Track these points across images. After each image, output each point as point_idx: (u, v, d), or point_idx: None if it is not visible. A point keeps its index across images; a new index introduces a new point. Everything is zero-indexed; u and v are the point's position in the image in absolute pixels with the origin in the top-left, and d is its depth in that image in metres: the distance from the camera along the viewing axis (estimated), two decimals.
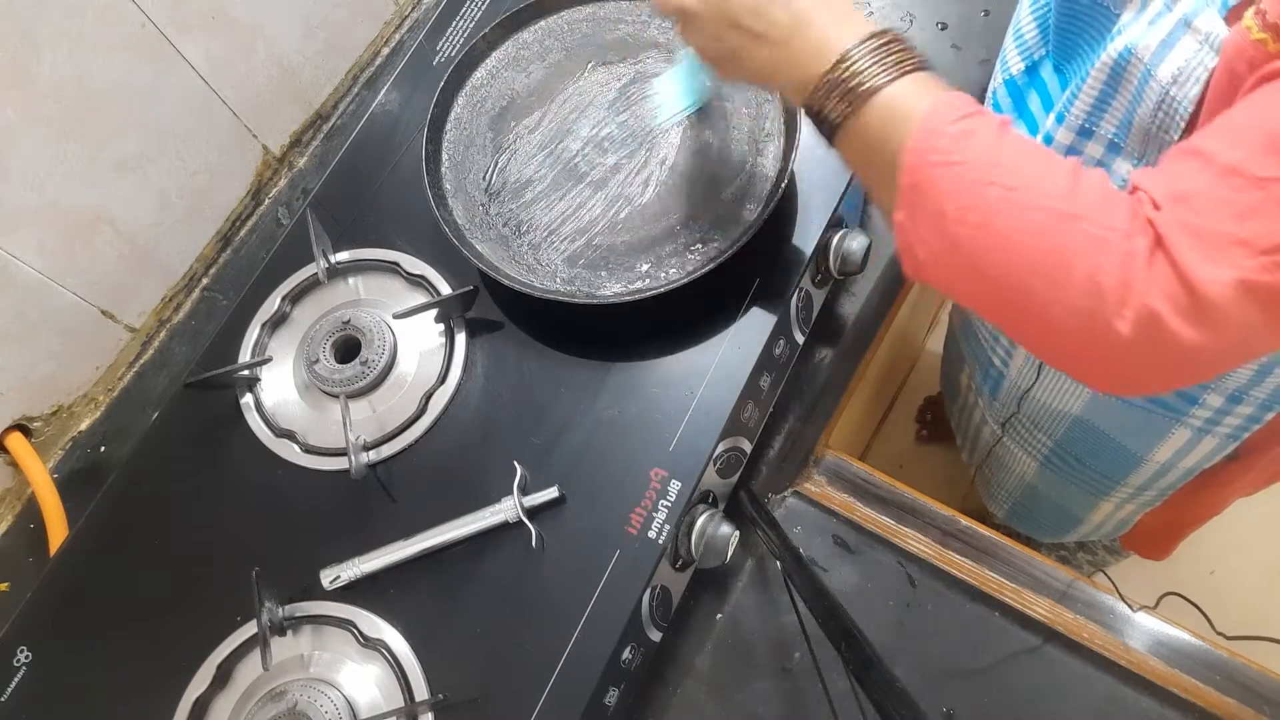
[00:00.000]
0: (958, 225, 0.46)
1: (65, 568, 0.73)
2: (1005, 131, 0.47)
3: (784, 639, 0.73)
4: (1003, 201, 0.44)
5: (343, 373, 0.74)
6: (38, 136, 0.73)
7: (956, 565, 0.76)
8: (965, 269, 0.47)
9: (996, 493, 1.14)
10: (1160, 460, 0.83)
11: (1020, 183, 0.45)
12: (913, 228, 0.48)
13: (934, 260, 0.48)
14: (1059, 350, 0.46)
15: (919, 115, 0.48)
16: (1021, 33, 0.72)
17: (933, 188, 0.46)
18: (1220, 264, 0.40)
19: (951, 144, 0.46)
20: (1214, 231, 0.41)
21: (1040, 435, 0.93)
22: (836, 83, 0.51)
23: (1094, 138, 0.61)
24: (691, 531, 0.68)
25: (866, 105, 0.50)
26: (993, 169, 0.45)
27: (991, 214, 0.45)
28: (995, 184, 0.45)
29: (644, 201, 0.74)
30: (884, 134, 0.50)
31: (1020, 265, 0.44)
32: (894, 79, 0.50)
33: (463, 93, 0.81)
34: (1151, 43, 0.53)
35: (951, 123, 0.47)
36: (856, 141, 0.52)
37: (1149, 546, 1.06)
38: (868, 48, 0.51)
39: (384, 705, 0.65)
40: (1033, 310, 0.45)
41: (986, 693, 0.71)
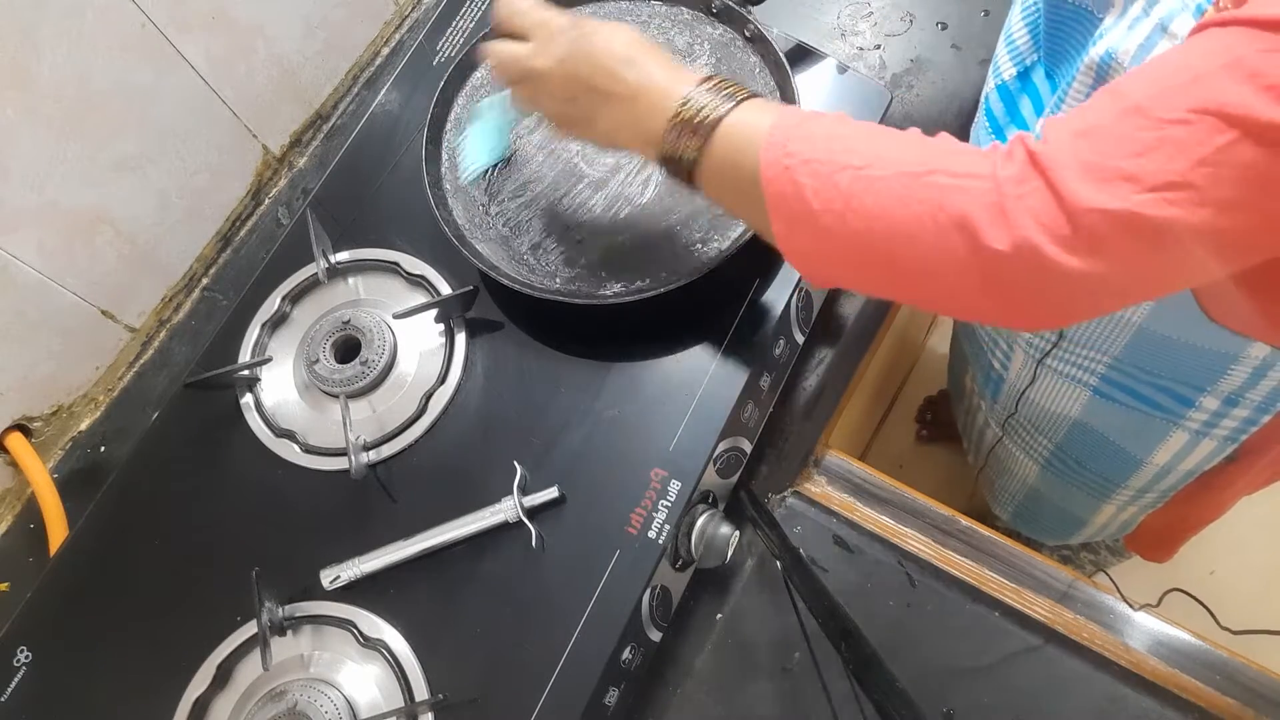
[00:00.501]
0: (827, 218, 0.47)
1: (65, 568, 0.73)
2: (844, 121, 0.50)
3: (784, 639, 0.73)
4: (857, 181, 0.46)
5: (343, 373, 0.74)
6: (38, 136, 0.73)
7: (956, 565, 0.76)
8: (848, 256, 0.49)
9: (1000, 495, 1.14)
10: (1160, 463, 0.83)
11: (868, 160, 0.47)
12: (789, 234, 0.50)
13: (819, 259, 0.50)
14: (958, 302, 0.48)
15: (764, 131, 0.51)
16: (1013, 38, 0.73)
17: (793, 190, 0.48)
18: (1105, 194, 0.41)
19: (799, 145, 0.49)
20: (1105, 166, 0.41)
21: (1040, 438, 0.93)
22: (683, 123, 0.54)
23: None
24: (691, 531, 0.68)
25: (714, 135, 0.53)
26: (842, 154, 0.47)
27: (851, 194, 0.46)
28: (847, 167, 0.47)
29: (644, 201, 0.74)
30: (737, 158, 0.52)
31: (893, 234, 0.46)
32: (733, 106, 0.53)
33: (463, 93, 0.81)
34: (1130, 46, 0.54)
35: (794, 127, 0.50)
36: (715, 173, 0.54)
37: (1152, 548, 1.06)
38: (704, 88, 0.54)
39: (384, 705, 0.65)
40: (919, 275, 0.47)
41: (986, 693, 0.71)
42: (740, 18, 0.78)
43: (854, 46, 0.94)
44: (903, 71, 0.92)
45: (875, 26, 0.95)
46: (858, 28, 0.95)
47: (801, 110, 0.53)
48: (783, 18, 0.94)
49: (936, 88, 0.91)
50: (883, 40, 0.94)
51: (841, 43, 0.94)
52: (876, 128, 0.50)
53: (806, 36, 0.83)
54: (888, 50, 0.93)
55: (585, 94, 0.58)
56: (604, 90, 0.57)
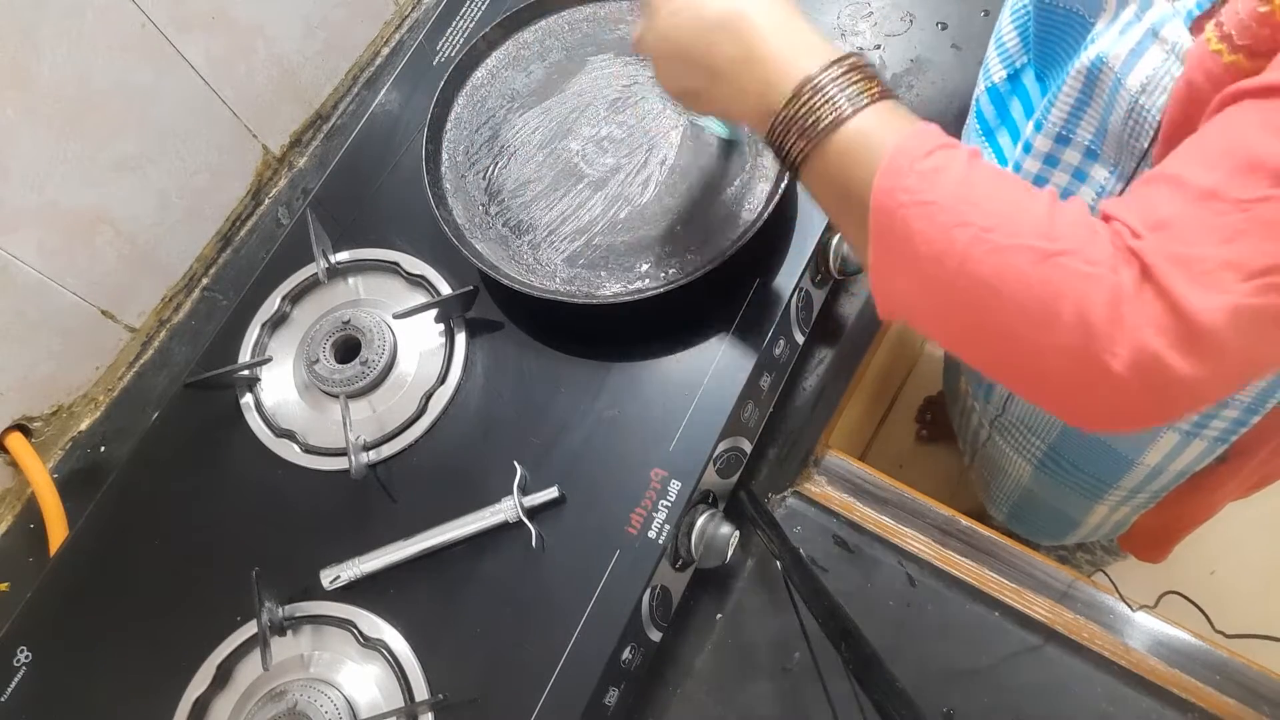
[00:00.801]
0: (933, 267, 0.43)
1: (65, 568, 0.73)
2: (976, 165, 0.45)
3: (784, 639, 0.73)
4: (978, 242, 0.42)
5: (343, 373, 0.74)
6: (38, 136, 0.73)
7: (956, 565, 0.76)
8: (943, 313, 0.45)
9: (995, 496, 1.14)
10: (1151, 463, 0.83)
11: (995, 221, 0.42)
12: (885, 268, 0.46)
13: (910, 304, 0.46)
14: (1052, 394, 0.44)
15: (885, 151, 0.45)
16: (1003, 41, 0.72)
17: (904, 229, 0.44)
18: (1211, 290, 0.38)
19: (920, 182, 0.43)
20: (1201, 257, 0.39)
21: (1033, 438, 0.93)
22: (793, 119, 0.48)
23: (1071, 144, 0.62)
24: (691, 531, 0.68)
25: (828, 141, 0.47)
26: (966, 207, 0.43)
27: (967, 256, 0.42)
28: (969, 224, 0.42)
29: (644, 201, 0.74)
30: (848, 172, 0.47)
31: (1002, 308, 0.42)
32: (856, 111, 0.47)
33: (463, 93, 0.81)
34: (1121, 51, 0.53)
35: (920, 159, 0.44)
36: (821, 179, 0.49)
37: (1146, 548, 1.06)
38: (827, 77, 0.47)
39: (384, 705, 0.65)
40: (1020, 354, 0.43)
41: (986, 693, 0.71)
42: None
43: (854, 46, 0.94)
44: (903, 71, 0.92)
45: (875, 26, 0.95)
46: (858, 28, 0.95)
47: (929, 133, 0.46)
48: None
49: (936, 88, 0.91)
50: (883, 40, 0.94)
51: (841, 43, 0.94)
52: (1009, 178, 0.45)
53: None
54: (888, 50, 0.93)
55: (686, 70, 0.54)
56: (702, 65, 0.52)
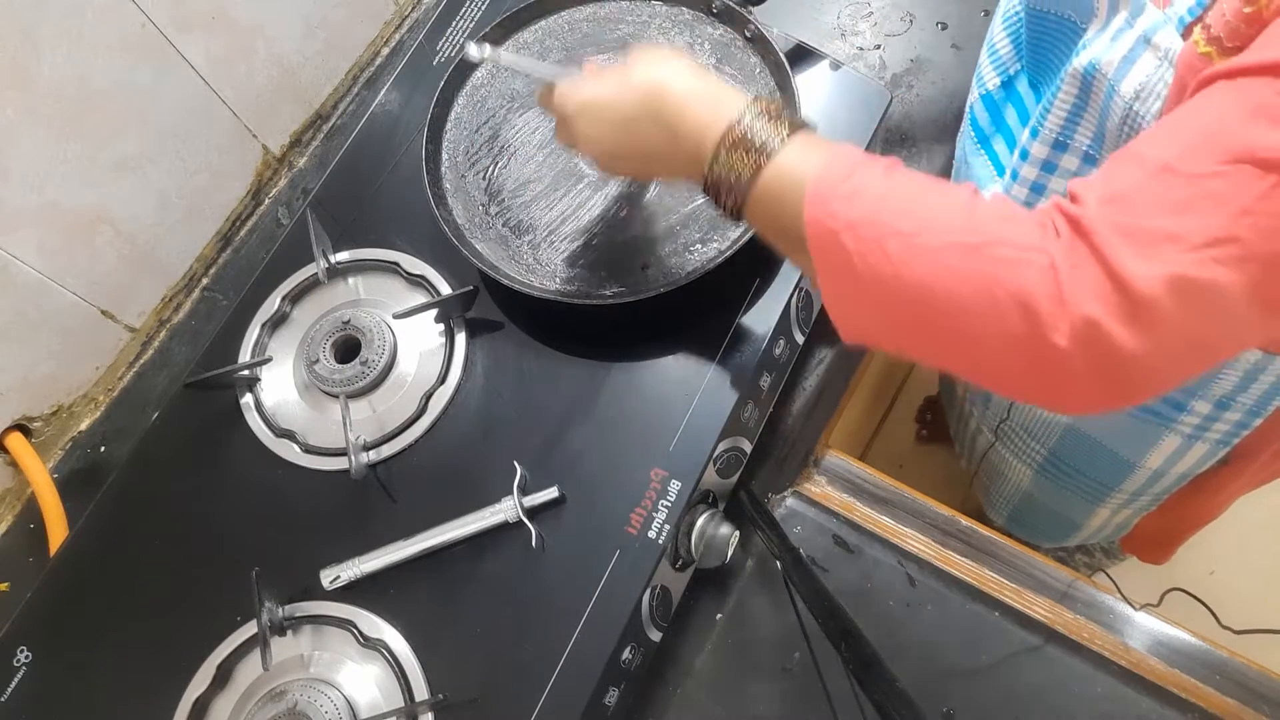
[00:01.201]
0: (874, 284, 0.44)
1: (65, 568, 0.73)
2: (893, 176, 0.46)
3: (784, 639, 0.73)
4: (907, 250, 0.43)
5: (343, 373, 0.74)
6: (38, 136, 0.73)
7: (956, 565, 0.76)
8: (894, 326, 0.46)
9: (995, 500, 1.14)
10: (1153, 466, 0.83)
11: (917, 226, 0.44)
12: (835, 295, 0.47)
13: (864, 324, 0.48)
14: (1010, 381, 0.45)
15: (807, 184, 0.47)
16: (995, 47, 0.73)
17: (839, 253, 0.45)
18: (1152, 259, 0.39)
19: (844, 205, 0.45)
20: (1146, 228, 0.40)
21: (1034, 443, 0.93)
22: (719, 179, 0.51)
23: (1069, 150, 0.62)
24: (691, 531, 0.68)
25: (754, 189, 0.50)
26: (890, 218, 0.44)
27: (900, 264, 0.43)
28: (895, 233, 0.44)
29: (644, 201, 0.74)
30: (780, 211, 0.49)
31: (945, 308, 0.43)
32: (771, 155, 0.49)
33: (463, 93, 0.81)
34: (1114, 58, 0.54)
35: (840, 183, 0.46)
36: (761, 224, 0.52)
37: (1148, 550, 1.06)
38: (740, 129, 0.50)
39: (384, 705, 0.65)
40: (971, 350, 0.44)
41: (986, 693, 0.71)
42: (740, 18, 0.78)
43: (854, 46, 0.94)
44: (903, 71, 0.92)
45: (875, 26, 0.95)
46: (858, 28, 0.95)
47: (847, 156, 0.48)
48: (783, 18, 0.94)
49: (936, 88, 0.91)
50: (883, 40, 0.94)
51: (841, 43, 0.94)
52: (930, 183, 0.47)
53: (806, 37, 0.83)
54: (888, 50, 0.93)
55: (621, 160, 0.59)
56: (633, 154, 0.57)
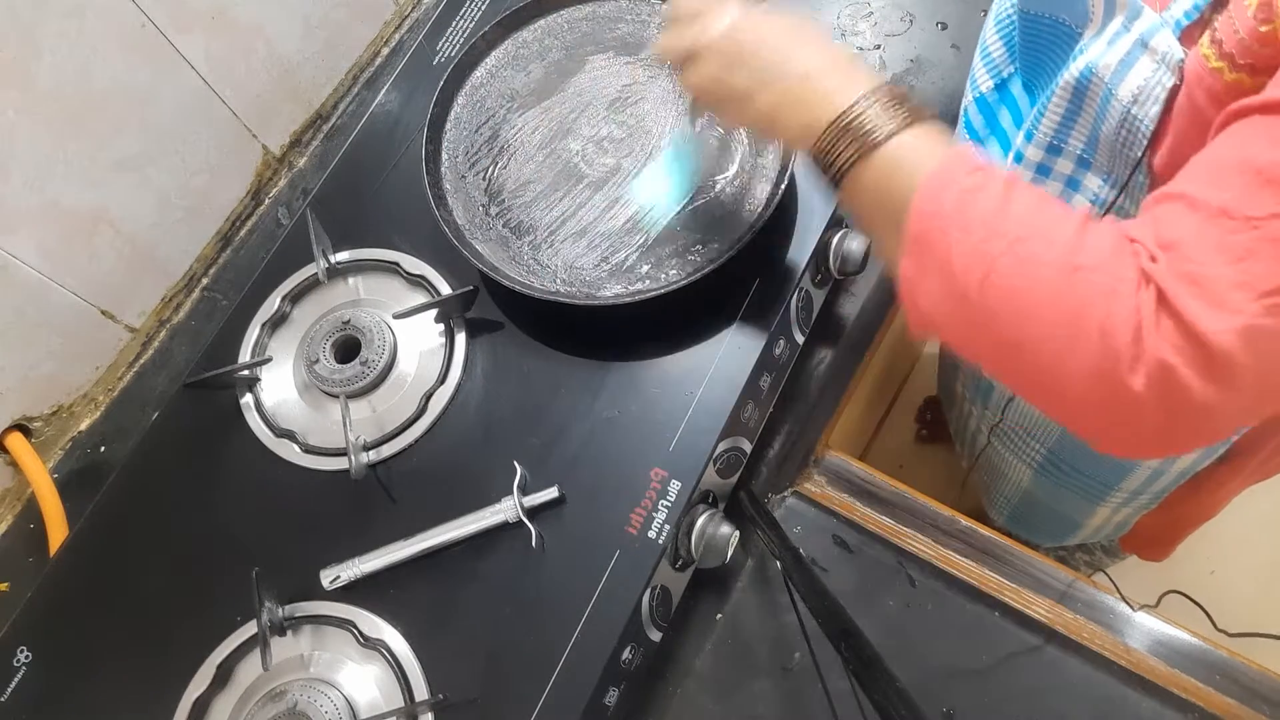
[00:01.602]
0: (965, 278, 0.45)
1: (65, 568, 0.73)
2: (1013, 186, 0.46)
3: (784, 639, 0.73)
4: (1009, 255, 0.43)
5: (343, 373, 0.74)
6: (38, 136, 0.73)
7: (956, 565, 0.76)
8: (972, 324, 0.46)
9: (996, 499, 1.14)
10: (1152, 465, 0.83)
11: (1027, 234, 0.44)
12: (918, 279, 0.47)
13: (940, 314, 0.47)
14: (1073, 410, 0.45)
15: (928, 166, 0.47)
16: (989, 51, 0.72)
17: (940, 241, 0.46)
18: (1224, 310, 0.39)
19: (961, 197, 0.46)
20: (1211, 277, 0.39)
21: (1033, 442, 0.93)
22: (845, 128, 0.50)
23: (1063, 154, 0.62)
24: (691, 531, 0.68)
25: (875, 153, 0.50)
26: (1001, 222, 0.44)
27: (998, 269, 0.44)
28: (1002, 237, 0.44)
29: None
30: (891, 183, 0.49)
31: (1029, 321, 0.43)
32: (903, 128, 0.49)
33: (463, 92, 0.81)
34: (1111, 62, 0.53)
35: (962, 176, 0.46)
36: (863, 189, 0.51)
37: (1148, 548, 1.06)
38: (877, 96, 0.50)
39: (384, 705, 0.65)
40: (1043, 368, 0.44)
41: (986, 693, 0.71)
42: None
43: (854, 46, 0.94)
44: (903, 71, 0.92)
45: (875, 26, 0.95)
46: (858, 28, 0.95)
47: (971, 154, 0.48)
48: None
49: (936, 88, 0.91)
50: (883, 40, 0.94)
51: (841, 43, 0.94)
52: (1048, 199, 0.46)
53: None
54: (888, 50, 0.93)
55: (747, 70, 0.55)
56: (767, 69, 0.54)
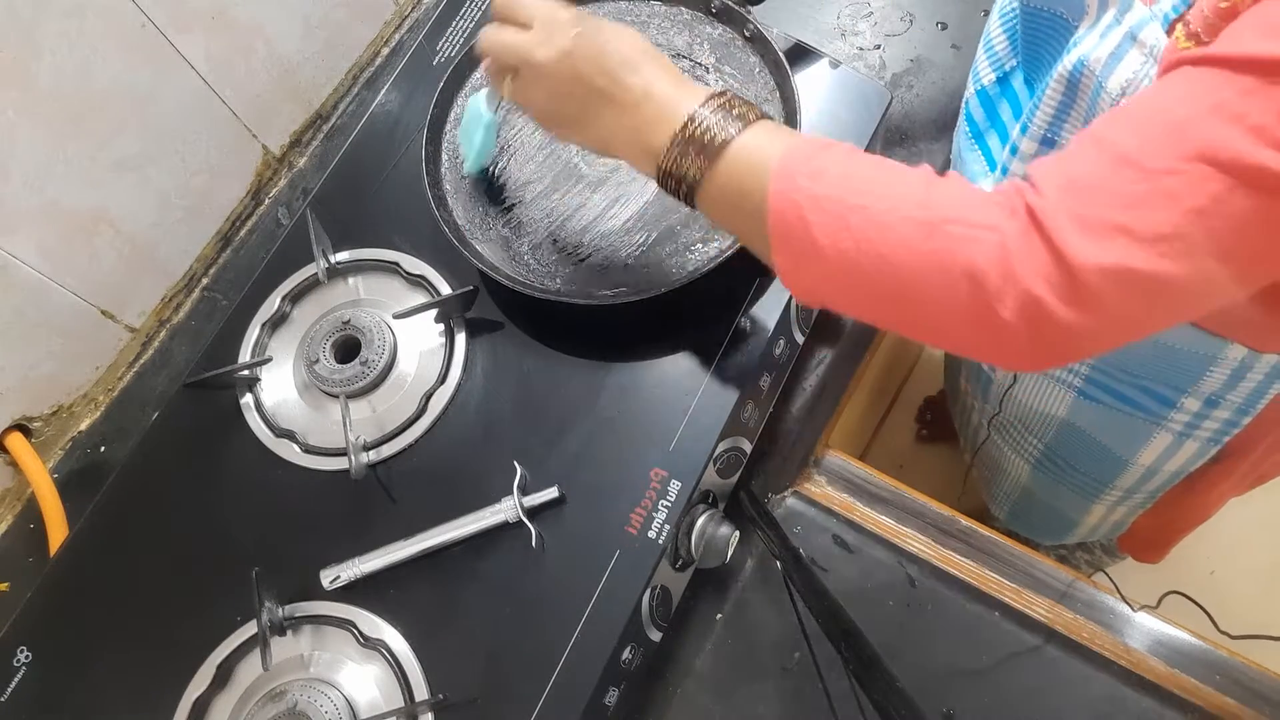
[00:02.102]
0: (832, 254, 0.47)
1: (65, 568, 0.73)
2: (854, 157, 0.49)
3: (784, 639, 0.73)
4: (868, 224, 0.46)
5: (343, 373, 0.74)
6: (38, 136, 0.73)
7: (956, 565, 0.76)
8: (850, 292, 0.49)
9: (996, 494, 1.15)
10: (1145, 464, 0.84)
11: (880, 201, 0.46)
12: (792, 267, 0.50)
13: (821, 291, 0.50)
14: (955, 342, 0.48)
15: (774, 160, 0.49)
16: (992, 44, 0.73)
17: (800, 225, 0.48)
18: (1101, 248, 0.41)
19: (810, 181, 0.48)
20: (1100, 219, 0.41)
21: (1030, 438, 0.93)
22: (689, 140, 0.52)
23: (1056, 146, 0.62)
24: (691, 531, 0.68)
25: (721, 158, 0.52)
26: (852, 195, 0.47)
27: (861, 238, 0.46)
28: (858, 208, 0.46)
29: (643, 201, 0.74)
30: (743, 184, 0.51)
31: (900, 277, 0.46)
32: (743, 129, 0.52)
33: (463, 93, 0.81)
34: (1102, 55, 0.54)
35: (807, 160, 0.49)
36: (718, 196, 0.53)
37: (1143, 549, 1.06)
38: (712, 105, 0.53)
39: (384, 705, 0.65)
40: (921, 314, 0.47)
41: (986, 693, 0.71)
42: (740, 18, 0.78)
43: (854, 46, 0.94)
44: (903, 71, 0.93)
45: (875, 26, 0.95)
46: (858, 28, 0.95)
47: (812, 139, 0.51)
48: (782, 18, 0.94)
49: (936, 88, 0.91)
50: (883, 40, 0.94)
51: (841, 43, 0.94)
52: (888, 164, 0.49)
53: (806, 36, 0.83)
54: (888, 50, 0.93)
55: (583, 93, 0.56)
56: (604, 92, 0.55)
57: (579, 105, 0.56)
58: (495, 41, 0.60)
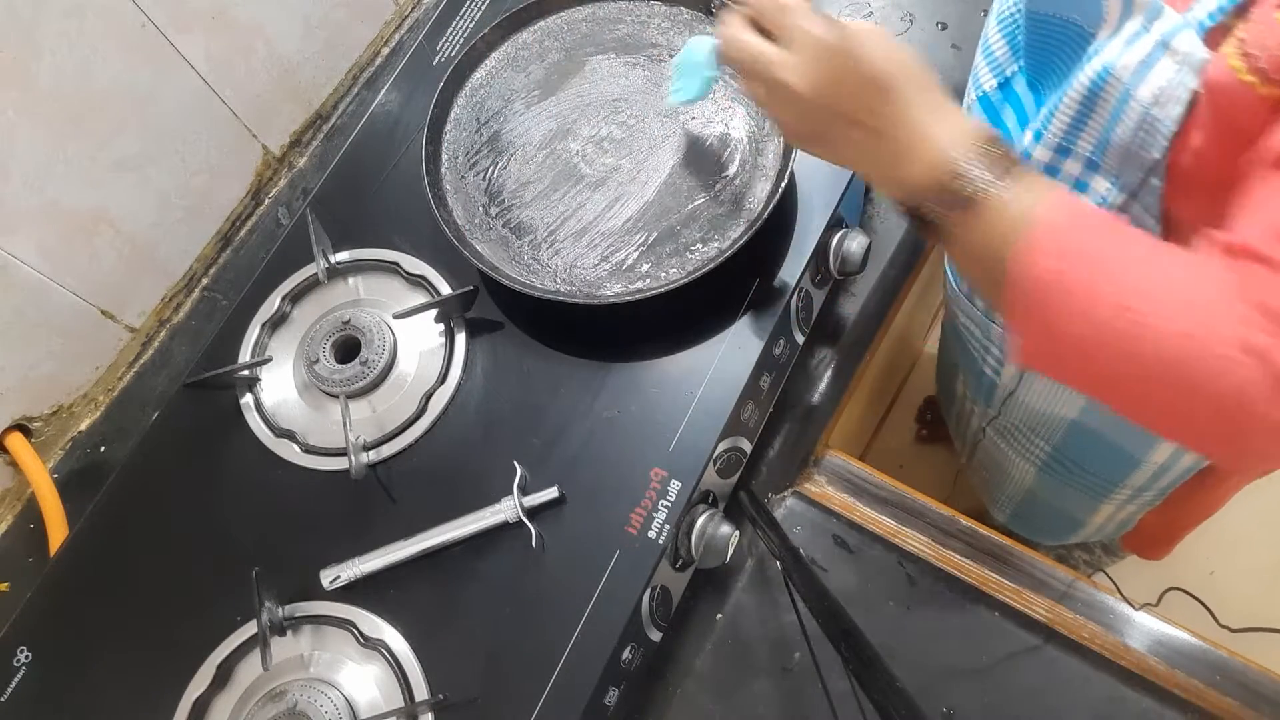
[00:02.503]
0: (1074, 341, 0.45)
1: (65, 568, 0.73)
2: (1118, 232, 0.46)
3: (784, 639, 0.73)
4: (1119, 320, 0.43)
5: (343, 373, 0.74)
6: (38, 136, 0.73)
7: (956, 565, 0.76)
8: (1082, 378, 0.47)
9: (998, 497, 1.14)
10: (1159, 461, 0.83)
11: (1144, 299, 0.43)
12: (1025, 332, 0.47)
13: (1047, 363, 0.48)
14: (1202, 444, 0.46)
15: (1029, 224, 0.46)
16: (991, 49, 0.72)
17: (1044, 301, 0.45)
18: None
19: (1065, 261, 0.45)
20: None
21: (1037, 440, 0.93)
22: (943, 187, 0.50)
23: (1072, 155, 0.62)
24: (691, 531, 0.68)
25: (972, 214, 0.49)
26: (1111, 286, 0.44)
27: (1109, 335, 0.43)
28: (1118, 306, 0.43)
29: (644, 201, 0.74)
30: (990, 241, 0.48)
31: (1146, 384, 0.43)
32: (1000, 184, 0.48)
33: (463, 93, 0.81)
34: (1130, 63, 0.53)
35: (1065, 232, 0.46)
36: (961, 245, 0.51)
37: (1149, 546, 1.06)
38: (972, 151, 0.49)
39: (384, 705, 0.65)
40: (1165, 415, 0.44)
41: (986, 693, 0.71)
42: None
43: None
44: None
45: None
46: None
47: (1072, 203, 0.48)
48: None
49: None
50: None
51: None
52: (1155, 246, 0.45)
53: None
54: None
55: (832, 117, 0.53)
56: (853, 117, 0.52)
57: (827, 126, 0.54)
58: (741, 47, 0.56)
